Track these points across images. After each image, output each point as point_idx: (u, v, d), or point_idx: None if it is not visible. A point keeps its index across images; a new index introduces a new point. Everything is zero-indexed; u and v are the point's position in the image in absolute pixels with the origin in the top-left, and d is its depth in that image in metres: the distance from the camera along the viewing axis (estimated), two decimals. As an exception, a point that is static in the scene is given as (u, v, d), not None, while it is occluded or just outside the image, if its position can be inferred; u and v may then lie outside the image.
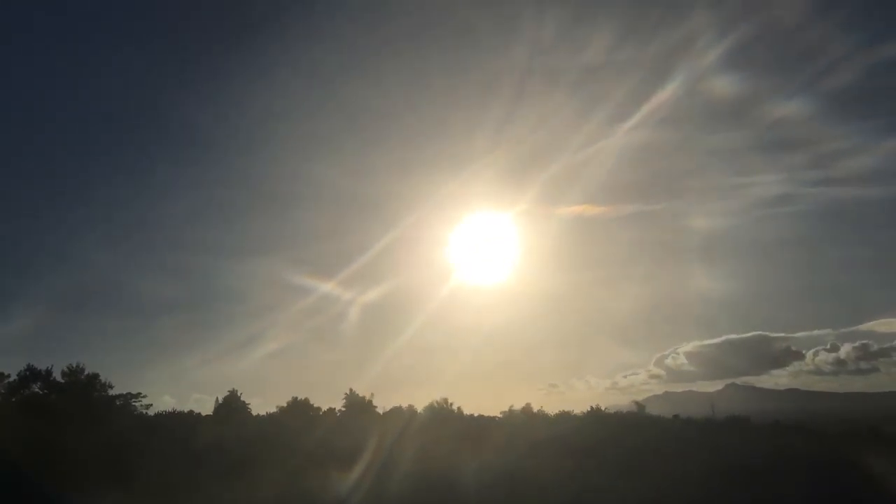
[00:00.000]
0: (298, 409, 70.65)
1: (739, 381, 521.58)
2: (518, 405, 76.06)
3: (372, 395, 72.86)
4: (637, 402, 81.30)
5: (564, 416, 75.46)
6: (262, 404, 73.87)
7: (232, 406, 68.57)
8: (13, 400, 54.18)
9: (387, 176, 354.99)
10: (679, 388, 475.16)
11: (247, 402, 70.41)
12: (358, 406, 71.11)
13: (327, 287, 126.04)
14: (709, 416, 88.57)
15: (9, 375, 54.76)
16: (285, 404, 71.89)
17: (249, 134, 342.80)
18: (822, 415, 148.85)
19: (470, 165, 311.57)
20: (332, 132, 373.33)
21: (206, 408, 69.46)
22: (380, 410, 71.54)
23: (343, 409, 72.31)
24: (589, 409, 76.86)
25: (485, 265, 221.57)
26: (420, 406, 72.88)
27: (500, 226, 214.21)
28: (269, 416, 71.18)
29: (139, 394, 60.73)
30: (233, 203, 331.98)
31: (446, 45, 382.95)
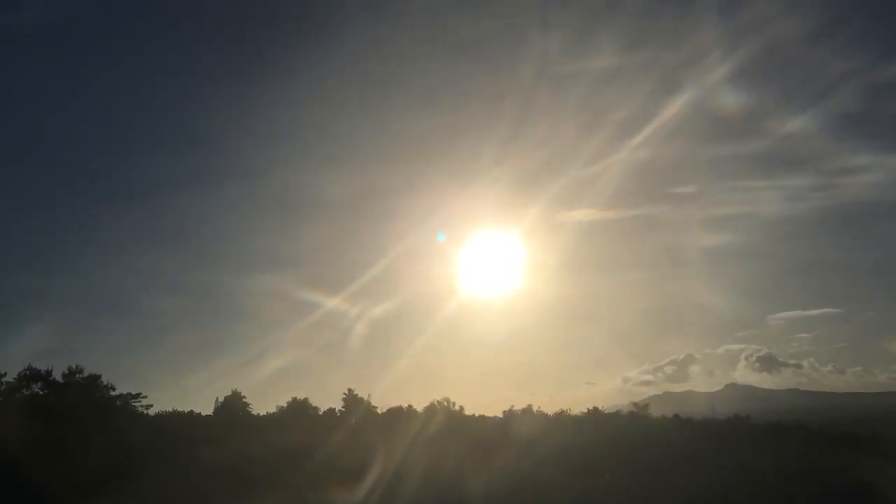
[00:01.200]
0: (298, 409, 70.49)
1: (739, 381, 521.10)
2: (519, 406, 75.98)
3: (370, 395, 72.63)
4: (635, 404, 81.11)
5: (564, 417, 75.31)
6: (262, 405, 73.46)
7: (232, 407, 68.43)
8: (14, 399, 53.94)
9: (395, 191, 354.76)
10: (678, 388, 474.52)
11: (247, 402, 70.40)
12: (357, 406, 70.88)
13: (334, 302, 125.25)
14: (709, 417, 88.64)
15: (5, 374, 54.36)
16: (285, 404, 71.71)
17: (260, 152, 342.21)
18: (823, 414, 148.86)
19: (476, 181, 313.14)
20: (339, 149, 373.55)
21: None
22: (379, 410, 71.36)
23: (342, 409, 72.13)
24: (587, 410, 76.94)
25: (489, 277, 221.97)
26: (419, 406, 72.93)
27: (505, 238, 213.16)
28: (270, 416, 70.99)
29: (139, 394, 60.28)
30: (240, 218, 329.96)
31: (454, 63, 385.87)
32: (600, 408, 78.09)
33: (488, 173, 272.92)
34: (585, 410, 76.92)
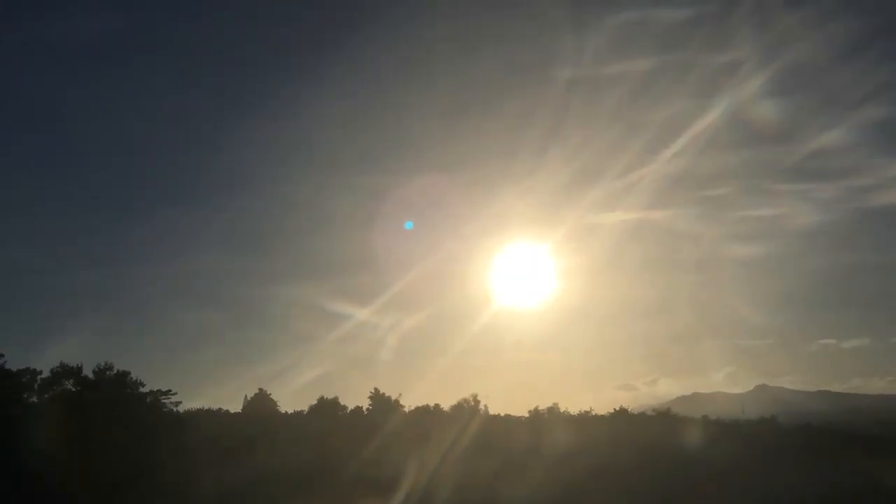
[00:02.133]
0: (326, 408, 70.63)
1: (770, 381, 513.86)
2: (544, 405, 75.27)
3: (400, 394, 72.42)
4: (654, 409, 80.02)
5: (588, 417, 74.47)
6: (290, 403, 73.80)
7: (260, 404, 68.88)
8: (45, 396, 54.81)
9: (428, 200, 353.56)
10: (707, 388, 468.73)
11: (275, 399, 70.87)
12: (384, 405, 70.73)
13: (365, 312, 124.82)
14: (738, 418, 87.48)
15: (41, 372, 55.28)
16: (315, 402, 71.86)
17: (287, 164, 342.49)
18: (853, 415, 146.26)
19: (507, 192, 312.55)
20: (369, 159, 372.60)
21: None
22: (406, 409, 71.23)
23: (369, 407, 72.06)
24: (614, 411, 76.01)
25: (520, 285, 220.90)
26: (446, 405, 72.75)
27: (537, 250, 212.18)
28: (298, 413, 71.28)
29: (168, 390, 60.60)
30: (268, 230, 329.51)
31: (486, 74, 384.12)
32: (626, 409, 77.11)
33: (521, 183, 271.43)
34: (612, 410, 76.10)
